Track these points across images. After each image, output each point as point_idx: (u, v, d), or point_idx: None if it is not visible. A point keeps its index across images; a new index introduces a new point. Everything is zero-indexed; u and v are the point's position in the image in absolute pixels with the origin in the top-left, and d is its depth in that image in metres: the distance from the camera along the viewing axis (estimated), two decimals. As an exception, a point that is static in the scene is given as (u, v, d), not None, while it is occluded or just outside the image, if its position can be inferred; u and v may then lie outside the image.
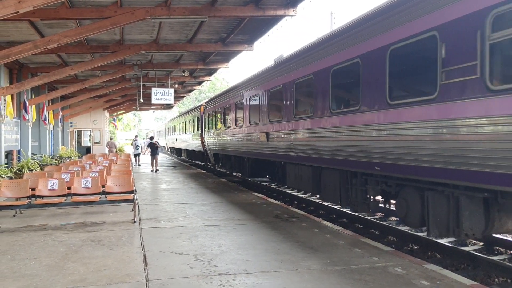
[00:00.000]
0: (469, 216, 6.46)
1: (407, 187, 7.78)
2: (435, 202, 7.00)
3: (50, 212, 10.70)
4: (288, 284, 5.38)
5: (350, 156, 8.86)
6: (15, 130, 19.40)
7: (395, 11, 7.45)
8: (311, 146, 10.60)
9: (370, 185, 8.79)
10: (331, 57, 9.55)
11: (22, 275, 5.81)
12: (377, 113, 7.87)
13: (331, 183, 10.28)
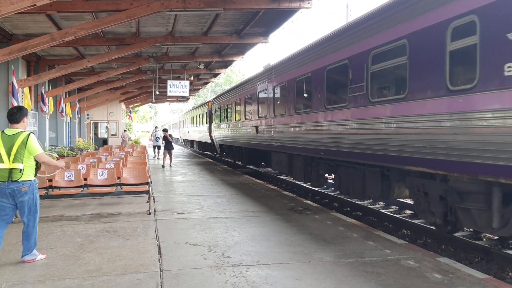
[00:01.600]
0: (370, 184, 9.51)
1: (340, 166, 10.87)
2: (353, 176, 10.19)
3: (67, 203, 10.85)
4: (300, 275, 5.41)
5: (307, 145, 11.73)
6: (33, 122, 19.65)
7: (325, 44, 10.70)
8: (285, 138, 13.54)
9: (320, 166, 12.02)
10: (294, 71, 12.76)
11: (39, 265, 5.92)
12: (320, 114, 10.89)
13: (299, 166, 13.47)
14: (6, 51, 12.44)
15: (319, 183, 12.67)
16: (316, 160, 12.11)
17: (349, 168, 10.32)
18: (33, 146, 6.09)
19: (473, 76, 6.05)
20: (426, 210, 7.86)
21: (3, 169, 5.93)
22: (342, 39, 9.77)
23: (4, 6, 9.08)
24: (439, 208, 7.48)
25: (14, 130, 6.15)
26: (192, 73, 25.90)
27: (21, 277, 5.41)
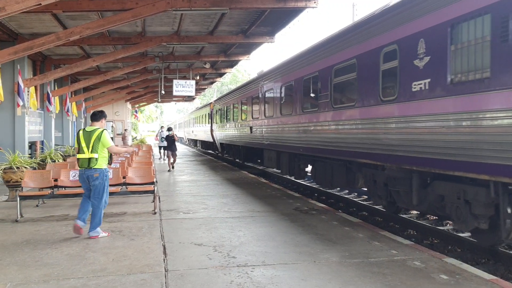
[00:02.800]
0: (336, 174, 11.33)
1: (316, 161, 12.73)
2: (324, 169, 12.04)
3: (72, 202, 10.84)
4: (306, 276, 5.37)
5: (290, 143, 13.52)
6: (39, 121, 19.70)
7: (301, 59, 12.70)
8: (273, 137, 15.42)
9: (301, 161, 14.08)
10: (279, 79, 14.65)
11: (44, 264, 5.91)
12: (298, 116, 12.72)
13: (285, 162, 15.27)
14: (12, 50, 12.46)
15: (301, 175, 15.06)
16: (298, 156, 14.11)
17: (322, 162, 12.25)
18: (106, 140, 7.51)
19: (395, 90, 7.87)
20: (375, 195, 9.79)
21: (84, 158, 7.43)
22: (313, 55, 11.76)
23: (9, 5, 9.10)
24: (383, 192, 9.33)
25: (92, 127, 7.62)
26: (198, 72, 25.90)
27: (25, 277, 5.40)
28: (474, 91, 6.10)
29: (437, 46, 6.82)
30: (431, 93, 6.93)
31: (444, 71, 6.67)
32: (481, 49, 6.05)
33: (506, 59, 5.62)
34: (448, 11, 6.61)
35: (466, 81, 6.29)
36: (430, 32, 7.00)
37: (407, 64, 7.47)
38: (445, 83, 6.65)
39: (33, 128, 18.24)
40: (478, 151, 6.05)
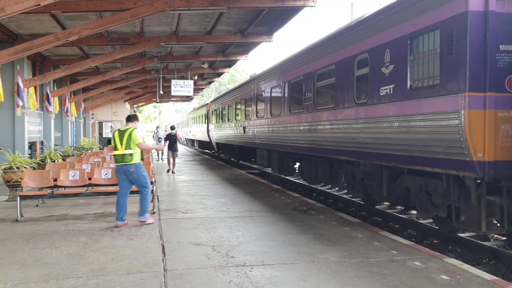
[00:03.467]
0: (320, 170, 12.41)
1: (302, 159, 13.86)
2: (310, 166, 13.05)
3: (72, 202, 10.87)
4: (305, 276, 5.38)
5: (279, 142, 14.56)
6: (38, 122, 19.71)
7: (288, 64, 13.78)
8: (264, 137, 16.28)
9: (290, 159, 15.08)
10: (270, 82, 15.65)
11: (44, 264, 5.92)
12: (286, 117, 13.62)
13: (275, 159, 16.36)
14: (11, 51, 12.47)
15: (289, 172, 15.85)
16: (286, 154, 15.11)
17: (308, 160, 13.26)
18: (135, 137, 8.35)
19: (367, 94, 8.71)
20: (354, 189, 10.78)
21: (119, 154, 8.28)
22: (299, 60, 12.66)
23: (8, 6, 9.11)
24: (360, 186, 10.25)
25: (126, 127, 8.50)
26: (196, 72, 25.92)
27: (25, 276, 5.41)
28: (428, 96, 6.96)
29: (399, 56, 7.66)
30: (394, 97, 7.80)
31: (405, 78, 7.51)
32: (433, 60, 6.89)
33: (451, 69, 6.48)
34: (408, 26, 7.44)
35: (422, 87, 7.14)
36: (393, 44, 7.85)
37: (376, 71, 8.33)
38: (405, 89, 7.49)
39: (32, 128, 18.25)
40: (431, 147, 6.94)
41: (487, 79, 6.20)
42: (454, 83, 6.43)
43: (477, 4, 6.16)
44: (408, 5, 7.45)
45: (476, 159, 6.19)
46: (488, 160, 6.19)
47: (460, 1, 6.27)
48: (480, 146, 6.18)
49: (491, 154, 6.20)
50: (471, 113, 6.18)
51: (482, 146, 6.19)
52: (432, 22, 6.86)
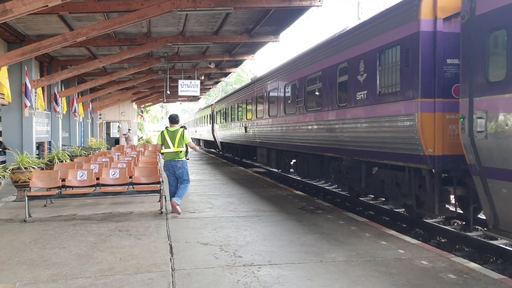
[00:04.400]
0: (312, 167, 13.53)
1: (297, 156, 14.86)
2: (303, 162, 14.09)
3: (80, 202, 10.93)
4: (312, 276, 5.38)
5: (277, 141, 15.82)
6: (46, 122, 19.80)
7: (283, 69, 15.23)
8: (264, 136, 17.56)
9: (286, 156, 16.16)
10: (268, 85, 16.92)
11: (53, 264, 5.96)
12: (283, 118, 14.84)
13: (273, 157, 17.60)
14: (19, 52, 12.54)
15: (286, 169, 17.01)
16: (283, 152, 16.30)
17: (301, 157, 14.28)
18: (187, 137, 9.60)
19: (346, 98, 9.98)
20: (341, 182, 11.95)
21: (170, 152, 9.38)
22: (293, 66, 13.98)
23: (16, 7, 9.16)
24: (345, 180, 11.41)
25: (174, 128, 9.64)
26: (202, 72, 25.94)
27: (34, 276, 5.45)
28: (392, 101, 8.24)
29: (371, 66, 8.95)
30: (367, 101, 9.08)
31: (375, 85, 8.82)
32: (395, 71, 8.15)
33: (407, 78, 7.74)
34: (377, 41, 8.71)
35: (387, 93, 8.43)
36: (366, 55, 9.11)
37: (353, 78, 9.63)
38: (375, 94, 8.80)
39: (40, 129, 18.34)
40: (396, 144, 8.17)
41: (436, 87, 7.38)
42: (410, 91, 7.68)
43: (427, 26, 7.41)
44: (377, 23, 8.77)
45: (428, 153, 7.39)
46: (438, 154, 7.37)
47: (414, 23, 7.55)
48: (431, 142, 7.37)
49: (440, 149, 7.36)
50: (423, 115, 7.41)
51: (432, 143, 7.37)
52: (394, 39, 8.14)
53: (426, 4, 7.42)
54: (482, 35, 6.15)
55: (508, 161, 5.74)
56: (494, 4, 5.91)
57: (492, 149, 6.00)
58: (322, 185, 15.54)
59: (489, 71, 6.05)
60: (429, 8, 7.42)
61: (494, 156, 5.98)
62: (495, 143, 5.92)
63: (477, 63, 6.23)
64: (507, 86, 5.72)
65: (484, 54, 6.11)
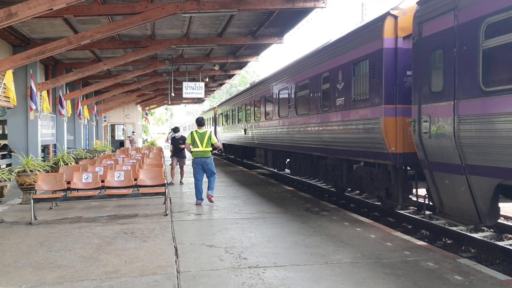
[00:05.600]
0: (303, 165, 14.59)
1: (291, 156, 15.97)
2: (296, 161, 15.33)
3: (85, 204, 10.96)
4: (318, 277, 5.37)
5: (272, 142, 16.96)
6: (51, 125, 19.87)
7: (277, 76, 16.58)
8: (261, 138, 18.81)
9: (281, 156, 17.28)
10: (264, 91, 18.22)
11: (58, 266, 5.97)
12: (277, 121, 15.98)
13: (270, 157, 18.83)
14: (24, 55, 12.59)
15: (281, 168, 18.12)
16: (279, 152, 17.36)
17: (294, 157, 15.48)
18: (214, 138, 11.14)
19: (329, 103, 11.19)
20: (327, 179, 12.98)
21: (200, 151, 10.88)
22: (285, 73, 15.19)
23: (22, 10, 9.20)
24: (331, 177, 12.39)
25: (202, 130, 11.18)
26: (207, 74, 25.98)
27: (40, 279, 5.46)
28: (363, 106, 9.41)
29: (347, 76, 10.18)
30: (345, 107, 10.32)
31: (350, 93, 10.03)
32: (366, 81, 9.31)
33: (374, 87, 8.95)
34: (352, 54, 9.93)
35: (360, 100, 9.60)
36: (343, 67, 10.36)
37: (334, 86, 10.84)
38: (351, 100, 10.00)
39: (45, 132, 18.41)
40: (367, 144, 9.31)
41: (397, 95, 8.52)
42: (376, 98, 8.86)
43: (389, 43, 8.57)
44: (352, 39, 10.01)
45: (391, 151, 8.55)
46: (399, 152, 8.50)
47: (379, 41, 8.72)
48: (393, 142, 8.53)
49: (401, 147, 8.48)
50: (386, 119, 8.58)
51: (394, 142, 8.52)
52: (364, 54, 9.35)
53: (389, 25, 8.57)
54: (426, 54, 7.35)
55: (446, 156, 6.90)
56: (434, 29, 7.15)
57: (434, 147, 7.18)
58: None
59: (431, 83, 7.24)
60: (391, 28, 8.57)
61: (437, 153, 7.16)
62: (436, 142, 7.11)
63: (423, 76, 7.42)
64: (443, 96, 6.91)
65: (428, 69, 7.31)
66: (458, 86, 6.58)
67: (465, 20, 6.46)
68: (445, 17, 6.85)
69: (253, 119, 20.20)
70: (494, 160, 5.98)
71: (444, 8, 6.89)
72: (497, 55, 6.04)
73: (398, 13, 8.59)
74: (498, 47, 5.95)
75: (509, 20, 5.71)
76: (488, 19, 6.04)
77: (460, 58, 6.57)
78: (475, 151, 6.31)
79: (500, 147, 5.83)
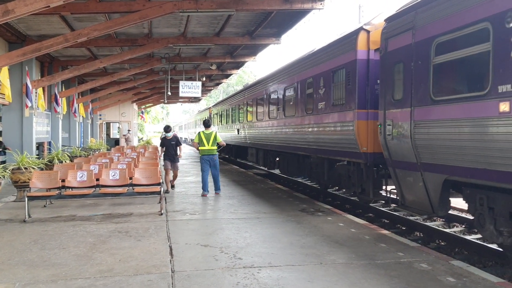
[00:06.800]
0: (291, 164, 15.45)
1: (280, 155, 16.86)
2: (284, 160, 16.30)
3: (79, 203, 10.93)
4: (312, 278, 5.38)
5: (263, 141, 17.91)
6: (46, 122, 19.81)
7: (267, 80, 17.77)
8: (253, 137, 19.78)
9: (272, 155, 18.08)
10: (256, 93, 19.32)
11: (52, 264, 5.96)
12: (267, 122, 16.97)
13: (261, 156, 19.93)
14: (20, 52, 12.56)
15: (272, 166, 18.75)
16: (269, 152, 18.28)
17: (283, 156, 16.37)
18: (219, 137, 12.60)
19: (312, 107, 12.21)
20: (312, 177, 14.11)
21: (207, 149, 12.31)
22: (275, 77, 16.37)
23: (18, 7, 9.17)
24: (315, 175, 13.36)
25: (208, 131, 12.56)
26: (204, 74, 25.92)
27: (34, 277, 5.44)
28: (341, 110, 10.38)
29: (327, 82, 11.13)
30: (325, 110, 11.24)
31: (330, 98, 10.99)
32: (343, 87, 10.32)
33: (349, 94, 9.96)
34: (331, 63, 10.93)
35: (338, 104, 10.58)
36: (324, 74, 11.36)
37: (316, 91, 11.82)
38: (330, 104, 10.95)
39: (40, 129, 18.34)
40: (344, 144, 10.24)
41: (369, 101, 9.49)
42: (351, 103, 9.86)
43: (362, 55, 9.57)
44: (332, 49, 11.04)
45: (363, 151, 9.53)
46: (370, 151, 9.47)
47: (353, 52, 9.74)
48: (364, 143, 9.50)
49: (372, 148, 9.43)
50: (359, 122, 9.57)
51: (366, 143, 9.48)
52: (341, 63, 10.37)
53: (362, 38, 9.59)
54: (390, 66, 8.28)
55: (405, 156, 7.84)
56: (397, 45, 8.09)
57: (396, 147, 8.12)
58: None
59: (394, 92, 8.17)
60: (364, 41, 9.59)
61: (398, 152, 8.11)
62: (397, 143, 8.06)
63: (388, 85, 8.35)
64: (403, 103, 7.87)
65: (392, 79, 8.23)
66: (414, 95, 7.52)
67: (420, 38, 7.42)
68: (405, 35, 7.82)
69: (246, 119, 21.24)
70: (441, 159, 6.92)
71: (404, 27, 7.85)
72: (443, 69, 6.96)
73: (371, 28, 9.59)
74: (444, 63, 6.89)
75: (453, 41, 6.66)
76: (438, 39, 6.96)
77: (416, 71, 7.50)
78: (427, 151, 7.25)
79: (445, 148, 6.78)
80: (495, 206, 6.43)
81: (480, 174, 6.22)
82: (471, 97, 6.29)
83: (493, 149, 5.87)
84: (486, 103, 5.95)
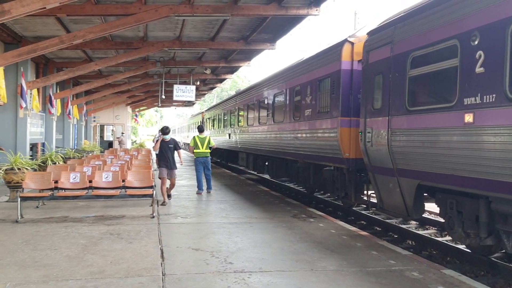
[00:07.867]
0: (279, 168, 16.21)
1: (269, 159, 17.41)
2: (273, 165, 16.92)
3: (72, 204, 10.90)
4: (303, 284, 5.40)
5: (253, 146, 18.42)
6: (40, 124, 19.76)
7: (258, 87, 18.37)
8: (243, 142, 20.33)
9: (261, 159, 18.61)
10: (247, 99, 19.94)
11: (43, 265, 5.95)
12: (256, 127, 17.55)
13: (250, 160, 20.57)
14: (15, 53, 12.55)
15: (261, 170, 19.25)
16: (259, 156, 18.86)
17: (271, 160, 17.01)
18: (212, 141, 13.73)
19: (299, 114, 12.72)
20: (299, 181, 14.88)
21: (202, 152, 13.39)
22: (265, 84, 16.91)
23: (15, 8, 9.18)
24: (301, 179, 13.98)
25: (203, 135, 13.69)
26: (198, 78, 25.98)
27: (25, 277, 5.44)
28: (325, 117, 10.84)
29: (314, 91, 11.62)
30: (312, 117, 11.72)
31: (316, 105, 11.47)
32: (328, 96, 10.77)
33: (333, 102, 10.43)
34: (317, 72, 11.44)
35: (323, 112, 11.04)
36: (311, 82, 11.83)
37: (304, 99, 12.33)
38: (316, 112, 11.45)
39: (34, 130, 18.29)
40: (328, 150, 10.67)
41: (352, 109, 9.92)
42: (335, 111, 10.32)
43: (346, 65, 10.06)
44: (318, 59, 11.55)
45: (345, 157, 9.99)
46: (352, 157, 9.92)
47: (338, 63, 10.22)
48: (347, 149, 9.97)
49: (354, 154, 9.86)
50: (342, 129, 10.04)
51: (348, 149, 9.96)
52: (327, 73, 10.85)
53: (346, 50, 10.08)
54: (371, 77, 8.70)
55: (383, 162, 8.26)
56: (377, 57, 8.50)
57: (375, 154, 8.54)
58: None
59: (374, 101, 8.59)
60: (348, 53, 10.07)
61: (377, 158, 8.52)
62: (376, 149, 8.48)
63: (369, 95, 8.80)
64: (381, 112, 8.28)
65: (372, 89, 8.66)
66: (392, 105, 7.96)
67: (398, 52, 7.82)
68: (385, 48, 8.23)
69: (237, 124, 21.91)
70: (415, 165, 7.34)
71: (384, 41, 8.28)
72: (418, 81, 7.38)
73: (355, 40, 10.08)
74: (419, 76, 7.31)
75: (426, 55, 7.07)
76: (413, 53, 7.36)
77: (393, 82, 7.90)
78: (402, 157, 7.67)
79: (418, 155, 7.22)
80: (463, 210, 6.80)
81: (448, 180, 6.65)
82: (441, 108, 6.71)
83: (459, 157, 6.31)
84: (453, 114, 6.39)
